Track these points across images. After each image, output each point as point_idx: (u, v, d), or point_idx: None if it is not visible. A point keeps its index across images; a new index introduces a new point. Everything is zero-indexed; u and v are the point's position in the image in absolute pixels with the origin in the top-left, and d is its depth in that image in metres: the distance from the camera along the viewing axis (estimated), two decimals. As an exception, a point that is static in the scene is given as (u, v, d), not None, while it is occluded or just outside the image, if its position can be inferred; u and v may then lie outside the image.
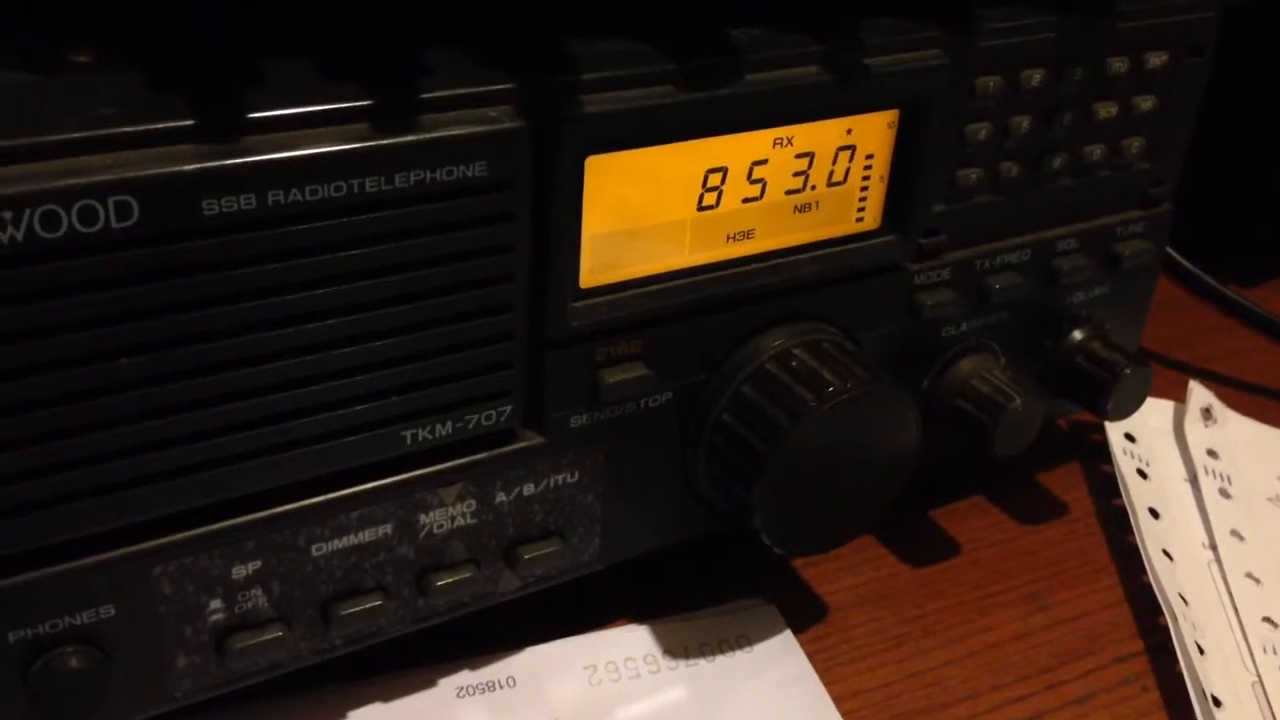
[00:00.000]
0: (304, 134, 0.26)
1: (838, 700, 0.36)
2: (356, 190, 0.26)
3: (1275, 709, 0.37)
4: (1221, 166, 0.59)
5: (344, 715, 0.34)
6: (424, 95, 0.27)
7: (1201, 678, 0.37)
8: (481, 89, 0.28)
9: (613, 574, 0.37)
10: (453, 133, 0.27)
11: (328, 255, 0.26)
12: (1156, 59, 0.39)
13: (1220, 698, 0.37)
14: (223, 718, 0.33)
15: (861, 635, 0.39)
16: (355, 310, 0.27)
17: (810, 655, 0.38)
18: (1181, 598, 0.40)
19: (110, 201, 0.24)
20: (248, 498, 0.29)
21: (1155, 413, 0.49)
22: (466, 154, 0.27)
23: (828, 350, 0.35)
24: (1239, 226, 0.61)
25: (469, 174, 0.27)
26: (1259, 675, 0.38)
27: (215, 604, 0.29)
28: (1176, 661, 0.37)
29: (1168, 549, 0.42)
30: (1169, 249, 0.53)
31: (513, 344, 0.30)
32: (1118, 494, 0.44)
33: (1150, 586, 0.40)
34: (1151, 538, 0.42)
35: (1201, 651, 0.38)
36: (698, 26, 0.32)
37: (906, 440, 0.36)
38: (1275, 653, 0.39)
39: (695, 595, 0.39)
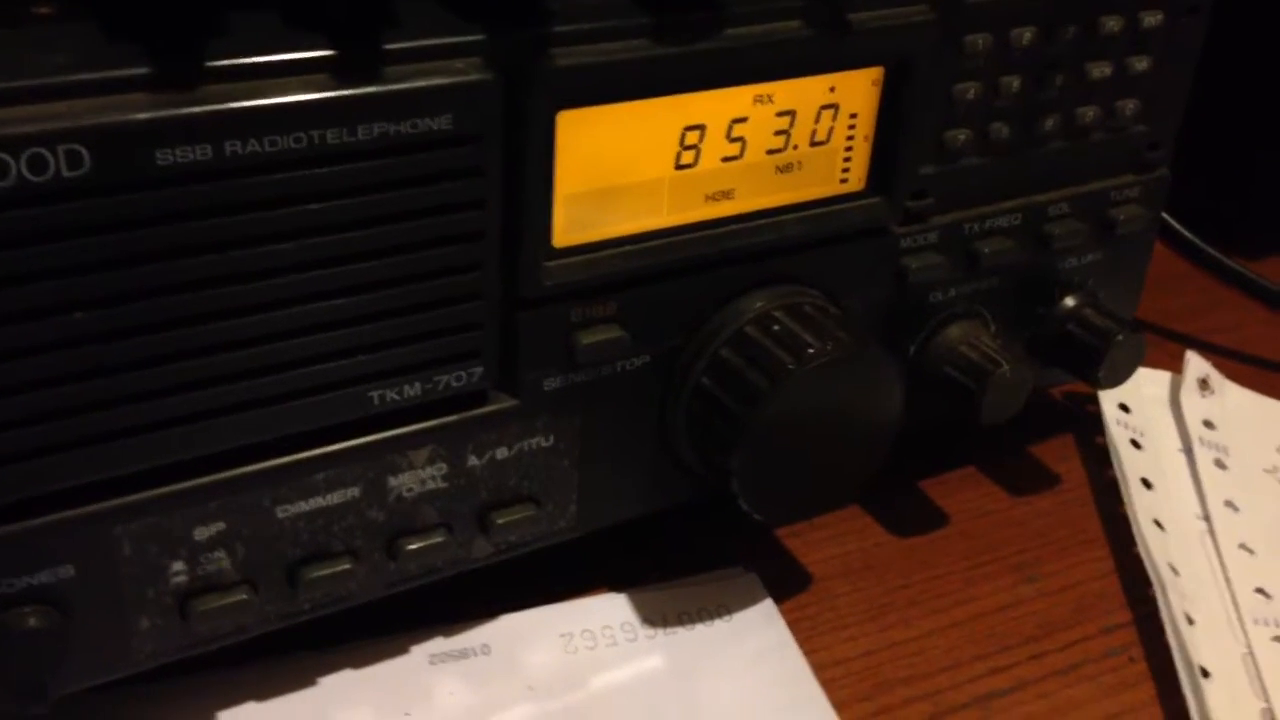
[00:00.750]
0: (264, 84, 0.25)
1: (818, 669, 0.36)
2: (317, 142, 0.25)
3: (1266, 680, 0.36)
4: (1227, 138, 0.58)
5: (315, 682, 0.34)
6: (389, 46, 0.26)
7: (1190, 648, 0.36)
8: (449, 40, 0.27)
9: (592, 542, 0.37)
10: (417, 84, 0.26)
11: (288, 209, 0.26)
12: (1151, 18, 0.38)
13: (1209, 668, 0.36)
14: (191, 683, 0.33)
15: (845, 604, 0.38)
16: (318, 266, 0.27)
17: (792, 624, 0.37)
18: (1172, 568, 0.39)
19: (60, 150, 0.23)
20: (210, 458, 0.28)
21: (1151, 383, 0.48)
22: (432, 106, 0.26)
23: (809, 313, 0.34)
24: (1244, 199, 0.60)
25: (435, 127, 0.27)
26: (1250, 646, 0.38)
27: (178, 566, 0.29)
28: (1165, 632, 0.37)
29: (1159, 519, 0.41)
30: (1171, 220, 0.53)
31: (483, 303, 0.30)
32: (1111, 466, 0.43)
33: (1141, 558, 0.39)
34: (1143, 508, 0.41)
35: (1191, 622, 0.37)
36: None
37: (890, 406, 0.35)
38: (1268, 624, 0.38)
39: (676, 565, 0.38)
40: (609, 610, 0.37)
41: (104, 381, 0.25)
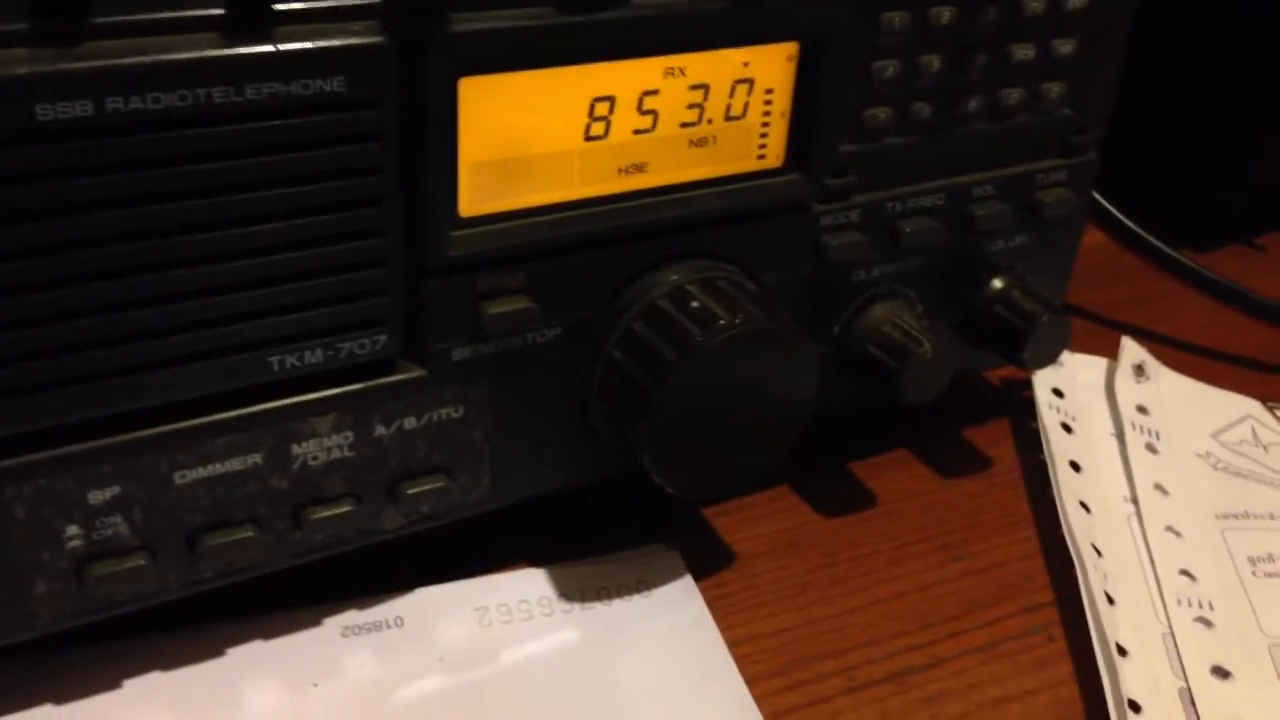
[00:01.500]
0: (148, 41, 0.25)
1: (735, 645, 0.36)
2: (203, 101, 0.25)
3: (1184, 660, 0.36)
4: (1178, 133, 0.58)
5: (223, 653, 0.34)
6: (281, 7, 0.26)
7: (1108, 626, 0.36)
8: (345, 3, 0.27)
9: (514, 519, 0.37)
10: (307, 45, 0.26)
11: (175, 168, 0.26)
12: (1076, 0, 0.38)
13: (1127, 646, 0.36)
14: (97, 652, 0.33)
15: (766, 582, 0.38)
16: (211, 227, 0.27)
17: (711, 601, 0.37)
18: (1095, 549, 0.39)
19: (-66, 103, 0.23)
20: (104, 420, 0.28)
21: (1086, 369, 0.48)
22: (323, 68, 0.26)
23: (723, 288, 0.34)
24: (1194, 192, 0.60)
25: (326, 89, 0.27)
26: (1170, 627, 0.38)
27: (73, 530, 0.29)
28: (1085, 612, 0.37)
29: (1085, 501, 0.41)
30: (1113, 209, 0.53)
31: (386, 270, 0.30)
32: (1044, 451, 0.43)
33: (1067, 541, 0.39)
34: (1069, 490, 0.41)
35: (1111, 602, 0.37)
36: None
37: (804, 384, 0.35)
38: (1190, 605, 0.39)
39: (599, 542, 0.38)
40: (526, 585, 0.37)
41: (-12, 339, 0.25)
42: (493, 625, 0.35)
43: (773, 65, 0.34)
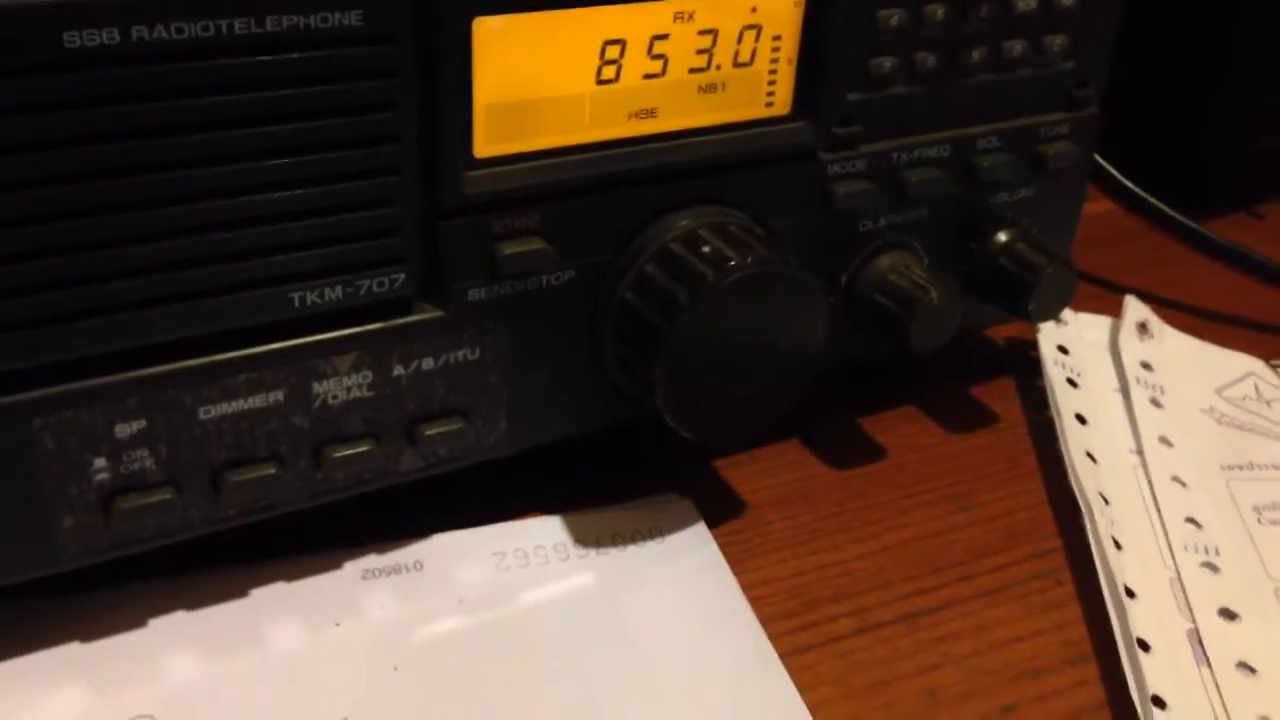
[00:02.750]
0: (172, -28, 0.25)
1: (747, 588, 0.36)
2: (225, 31, 0.26)
3: (1192, 602, 0.37)
4: (1186, 100, 0.59)
5: (246, 593, 0.34)
6: (300, -58, 0.27)
7: (1116, 570, 0.37)
8: (362, -60, 0.28)
9: (528, 468, 0.37)
10: (326, -23, 0.27)
11: (197, 99, 0.26)
12: (1076, -48, 0.39)
13: (1135, 589, 0.36)
14: (122, 592, 0.33)
15: (777, 530, 0.39)
16: (230, 160, 0.27)
17: (724, 548, 0.38)
18: (1102, 496, 0.40)
19: (-34, 29, 0.24)
20: (130, 353, 0.29)
21: (1091, 327, 0.48)
22: (339, 1, 0.27)
23: (734, 232, 0.35)
24: (1194, 159, 0.60)
25: (344, 22, 0.27)
26: (1177, 571, 0.38)
27: (100, 463, 0.29)
28: (1093, 558, 0.37)
29: (1091, 452, 0.42)
30: (1116, 172, 0.53)
31: (402, 209, 0.30)
32: (1050, 407, 0.44)
33: (1073, 490, 0.40)
34: (1075, 441, 0.42)
35: (1119, 547, 0.38)
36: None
37: (814, 328, 0.35)
38: (1196, 550, 0.39)
39: (613, 492, 0.39)
40: (542, 531, 0.37)
41: (13, 268, 0.26)
42: (510, 569, 0.36)
43: (780, 11, 0.34)
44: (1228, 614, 0.37)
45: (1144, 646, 0.35)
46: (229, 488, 0.31)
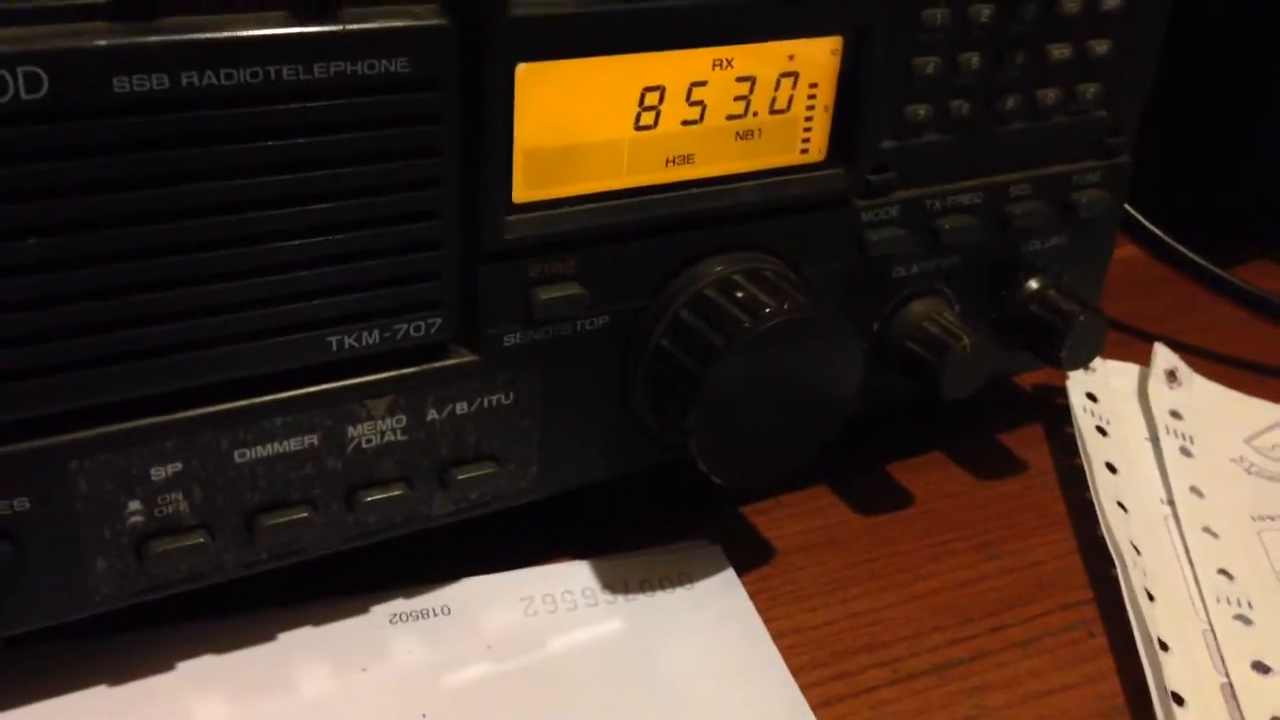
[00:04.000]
0: (222, 18, 0.26)
1: (777, 636, 0.36)
2: (273, 78, 0.26)
3: (1225, 655, 0.37)
4: (1213, 147, 0.59)
5: (274, 637, 0.34)
6: (347, -11, 0.27)
7: (1149, 622, 0.36)
8: (408, -13, 0.28)
9: (558, 512, 0.37)
10: (372, 25, 0.27)
11: (243, 144, 0.26)
12: (1111, 1, 0.39)
13: (1168, 642, 0.36)
14: (151, 635, 0.33)
15: (806, 577, 0.39)
16: (273, 204, 0.27)
17: (753, 595, 0.37)
18: (1134, 547, 0.39)
19: (20, 72, 0.24)
20: (168, 396, 0.28)
21: (1119, 375, 0.48)
22: (387, 48, 0.27)
23: (769, 278, 0.35)
24: (1219, 206, 0.60)
25: (391, 69, 0.27)
26: (1210, 623, 0.38)
27: (134, 505, 0.29)
28: (1125, 609, 0.37)
29: (1122, 501, 0.41)
30: (1145, 221, 0.53)
31: (442, 253, 0.30)
32: (1078, 454, 0.43)
33: (1104, 540, 0.39)
34: (1106, 490, 0.41)
35: (1151, 598, 0.37)
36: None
37: (847, 374, 0.35)
38: (1229, 603, 0.39)
39: (642, 537, 0.39)
40: (571, 576, 0.37)
41: (54, 311, 0.26)
42: (538, 614, 0.36)
43: (817, 59, 0.34)
44: (1261, 667, 0.36)
45: (1178, 700, 0.34)
46: (262, 531, 0.31)
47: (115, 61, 0.24)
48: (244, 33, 0.25)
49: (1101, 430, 0.45)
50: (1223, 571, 0.40)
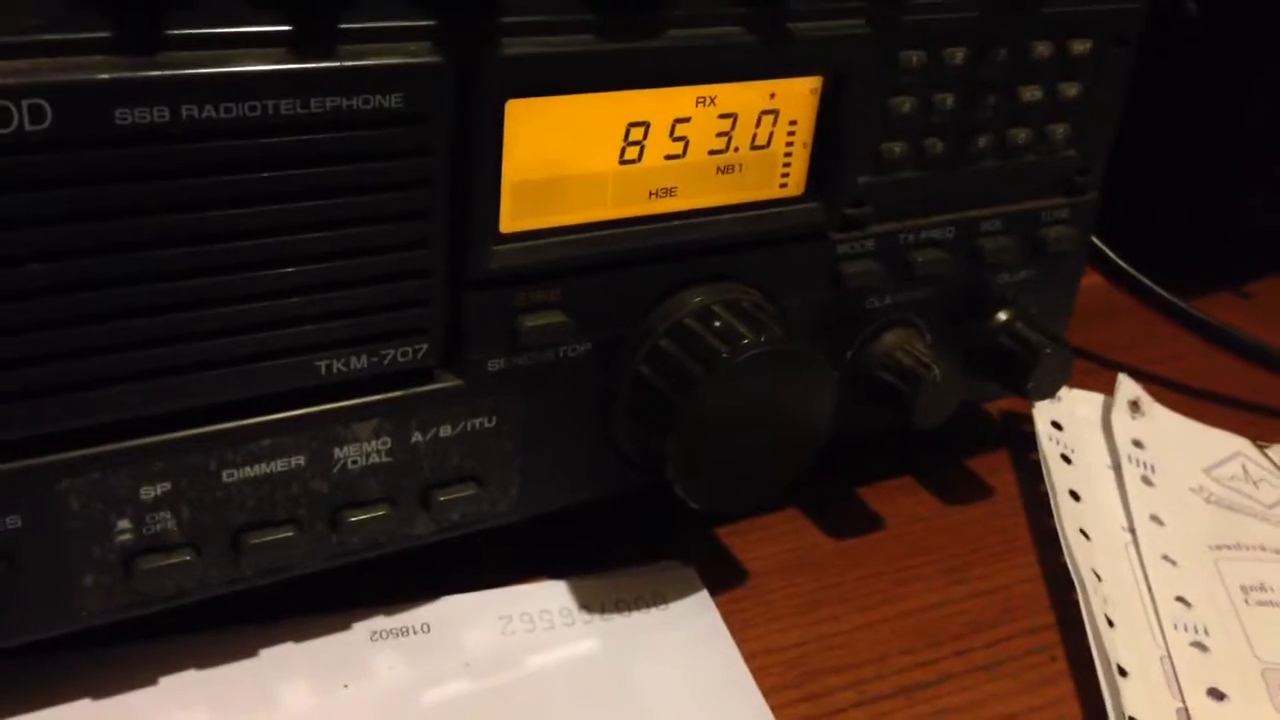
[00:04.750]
0: (222, 54, 0.26)
1: (749, 657, 0.37)
2: (271, 112, 0.27)
3: (1182, 681, 0.38)
4: (1177, 181, 0.60)
5: (256, 653, 0.34)
6: (344, 26, 0.28)
7: (1109, 648, 0.37)
8: (403, 24, 0.28)
9: (535, 533, 0.38)
10: (368, 62, 0.28)
11: (242, 174, 0.27)
12: (1080, 46, 0.40)
13: (1126, 667, 0.37)
14: (135, 650, 0.33)
15: (779, 599, 0.40)
16: (268, 233, 0.28)
17: (726, 616, 0.38)
18: (1095, 574, 0.40)
19: (24, 104, 0.24)
20: (158, 418, 0.29)
21: (1084, 404, 0.50)
22: (382, 84, 0.28)
23: (747, 309, 0.35)
24: (1184, 240, 0.62)
25: (385, 104, 0.28)
26: (1168, 650, 0.39)
27: (123, 524, 0.30)
28: (1087, 634, 0.38)
29: (1085, 529, 0.42)
30: (1111, 253, 0.55)
31: (430, 281, 0.31)
32: (1044, 481, 0.45)
33: (1067, 565, 0.41)
34: (1069, 517, 0.42)
35: (1111, 624, 0.39)
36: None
37: (821, 403, 0.36)
38: (1186, 630, 0.40)
39: (618, 558, 0.40)
40: (548, 596, 0.38)
41: (54, 334, 0.27)
42: (516, 633, 0.36)
43: (797, 97, 0.35)
44: (1216, 694, 0.38)
45: (1136, 725, 0.36)
46: (248, 550, 0.31)
47: (117, 94, 0.25)
48: (244, 68, 0.26)
49: (1066, 458, 0.46)
50: (1180, 599, 0.41)
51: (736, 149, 0.35)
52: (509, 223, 0.32)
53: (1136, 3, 0.41)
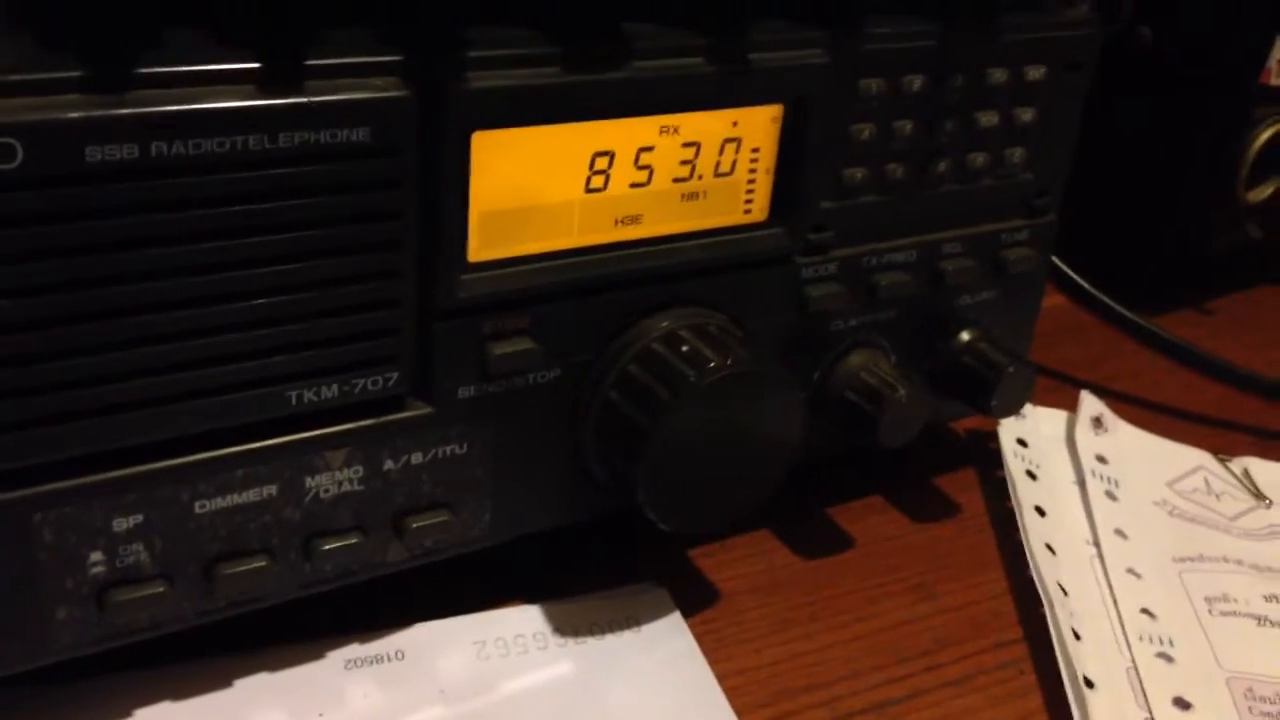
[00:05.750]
0: (190, 90, 0.27)
1: (722, 677, 0.37)
2: (240, 147, 0.27)
3: (1148, 692, 0.38)
4: (1128, 203, 0.62)
5: (230, 684, 0.34)
6: (311, 62, 0.28)
7: (1076, 660, 0.38)
8: (369, 59, 0.29)
9: (507, 557, 0.38)
10: (335, 97, 0.28)
11: (211, 209, 0.27)
12: (1035, 72, 0.41)
13: (1093, 679, 0.38)
14: (108, 682, 0.33)
15: (751, 619, 0.40)
16: (239, 266, 0.28)
17: (699, 636, 0.39)
18: (1061, 588, 0.41)
19: (-6, 143, 0.25)
20: (129, 450, 0.29)
21: (1048, 421, 0.50)
22: (349, 118, 0.28)
23: (713, 333, 0.36)
24: (1145, 259, 0.63)
25: (352, 138, 0.29)
26: (1134, 661, 0.39)
27: (96, 556, 0.30)
28: (1054, 648, 0.39)
29: (1050, 543, 0.43)
30: (1072, 273, 0.56)
31: (399, 311, 0.32)
32: (1010, 498, 0.45)
33: (1034, 580, 0.41)
34: (1035, 532, 0.43)
35: (1078, 637, 0.39)
36: (591, 20, 0.33)
37: (789, 424, 0.37)
38: (1151, 641, 0.40)
39: (590, 581, 0.40)
40: (522, 620, 0.38)
41: (25, 369, 0.27)
42: (491, 658, 0.37)
43: (759, 125, 0.36)
44: (1181, 703, 0.38)
45: (1103, 737, 0.36)
46: (221, 580, 0.31)
47: (87, 132, 0.25)
48: (212, 105, 0.27)
49: (1031, 474, 0.47)
50: (1145, 611, 0.42)
51: (700, 176, 0.36)
52: (477, 252, 0.33)
53: (1089, 30, 0.42)
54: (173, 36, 0.27)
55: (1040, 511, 0.45)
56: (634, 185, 0.35)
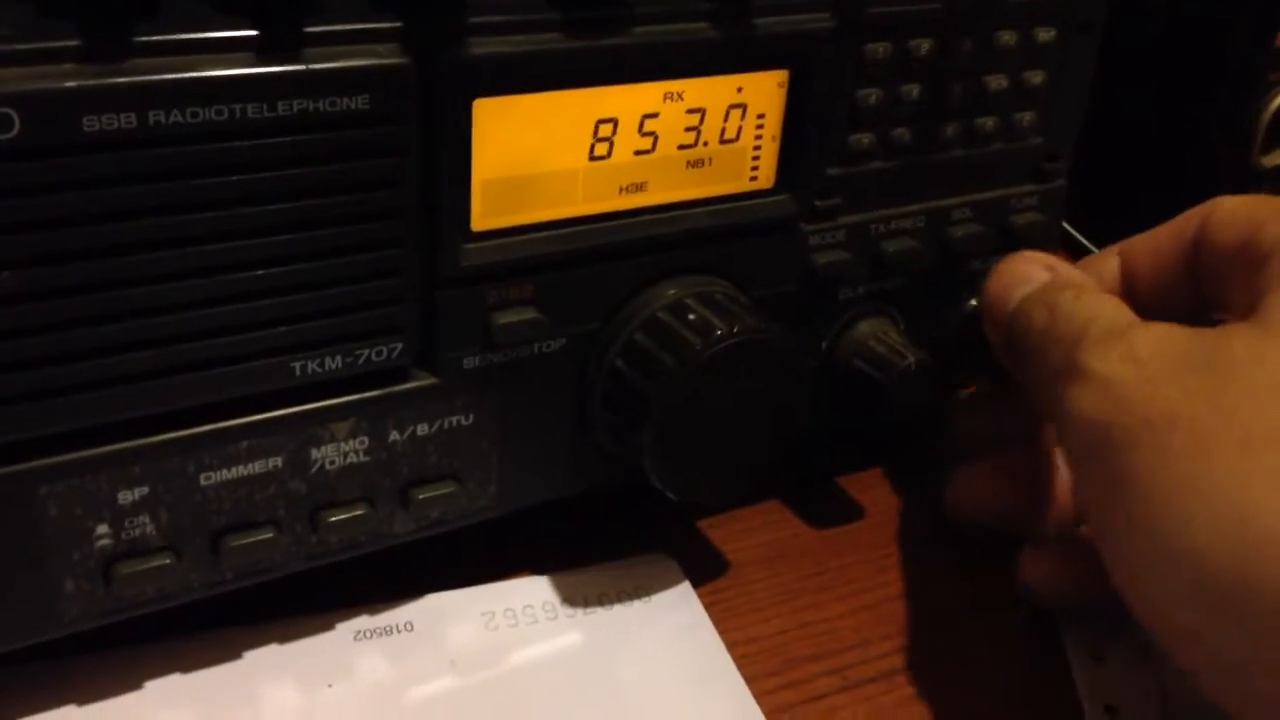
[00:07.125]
0: (188, 59, 0.26)
1: (731, 646, 0.37)
2: (238, 115, 0.27)
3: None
4: (1143, 164, 0.61)
5: (240, 655, 0.35)
6: (310, 29, 0.28)
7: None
8: (368, 26, 0.29)
9: (517, 528, 0.38)
10: (334, 65, 0.28)
11: (210, 178, 0.27)
12: (1044, 34, 0.41)
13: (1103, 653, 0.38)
14: (118, 655, 0.34)
15: (760, 589, 0.40)
16: (239, 236, 0.28)
17: (708, 606, 0.39)
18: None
19: (-9, 113, 0.24)
20: (135, 422, 0.29)
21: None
22: (348, 86, 0.28)
23: (720, 301, 0.36)
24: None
25: (352, 106, 0.28)
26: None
27: (102, 529, 0.30)
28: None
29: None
30: (1088, 242, 0.55)
31: (402, 280, 0.31)
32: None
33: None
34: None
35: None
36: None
37: (796, 391, 0.37)
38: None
39: (599, 551, 0.40)
40: (531, 591, 0.38)
41: (28, 341, 0.27)
42: (500, 629, 0.37)
43: (764, 91, 0.36)
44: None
45: (1111, 711, 0.36)
46: (227, 552, 0.31)
47: (85, 102, 0.25)
48: (210, 73, 0.26)
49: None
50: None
51: (705, 143, 0.35)
52: (480, 221, 0.32)
53: (1099, -11, 0.42)
54: (170, 5, 0.27)
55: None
56: (638, 152, 0.34)
